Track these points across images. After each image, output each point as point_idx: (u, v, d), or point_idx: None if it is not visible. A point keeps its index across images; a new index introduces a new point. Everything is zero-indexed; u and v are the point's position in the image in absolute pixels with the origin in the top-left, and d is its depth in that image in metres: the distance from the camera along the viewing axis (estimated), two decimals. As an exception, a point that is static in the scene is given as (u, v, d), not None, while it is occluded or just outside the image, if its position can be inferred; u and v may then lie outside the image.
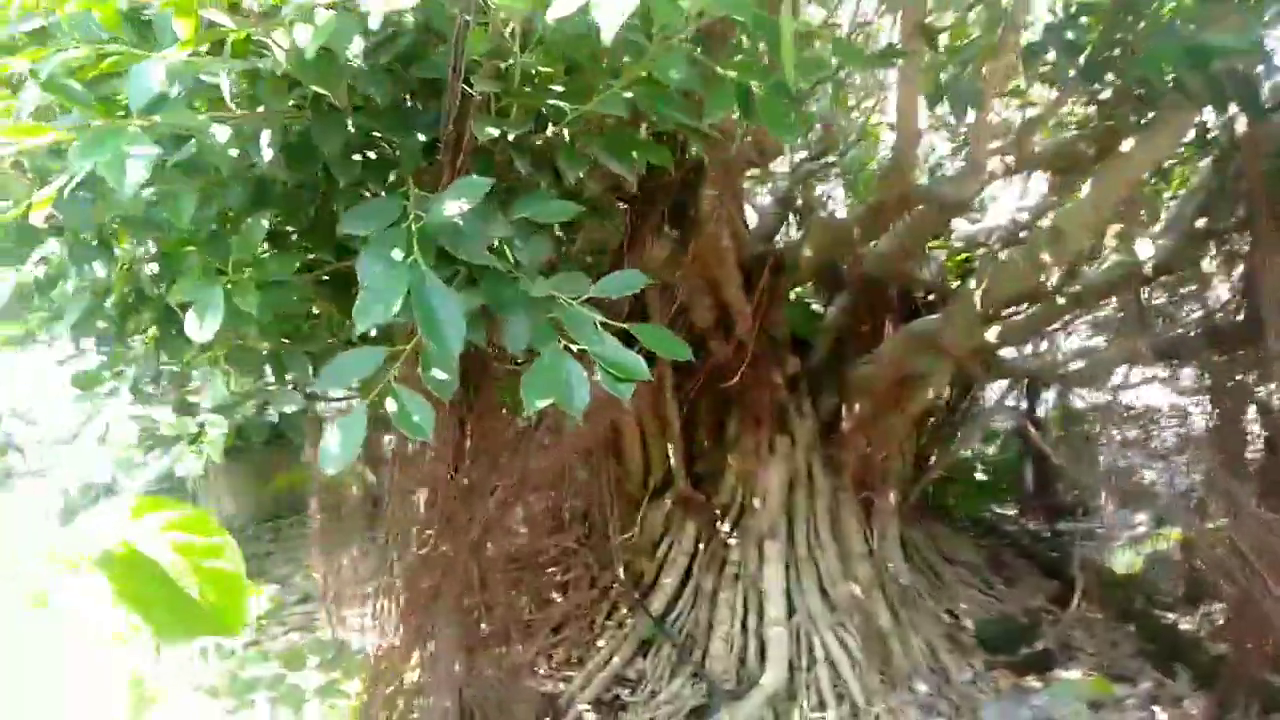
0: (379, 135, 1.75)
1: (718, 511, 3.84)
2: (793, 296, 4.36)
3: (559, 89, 1.83)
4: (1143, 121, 2.60)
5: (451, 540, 2.33)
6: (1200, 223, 3.15)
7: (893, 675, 3.42)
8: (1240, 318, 3.20)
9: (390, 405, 1.58)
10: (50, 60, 1.37)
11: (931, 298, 3.90)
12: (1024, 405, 4.14)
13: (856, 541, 3.77)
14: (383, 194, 1.82)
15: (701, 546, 3.83)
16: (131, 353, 2.43)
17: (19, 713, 2.45)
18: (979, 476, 4.66)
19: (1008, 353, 3.98)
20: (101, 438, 2.42)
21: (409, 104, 1.77)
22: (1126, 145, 2.68)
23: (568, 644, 3.82)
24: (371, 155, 1.80)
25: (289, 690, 2.85)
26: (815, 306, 4.37)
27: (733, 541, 3.76)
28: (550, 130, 1.88)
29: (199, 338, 1.59)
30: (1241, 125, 2.72)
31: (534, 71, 1.85)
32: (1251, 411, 3.19)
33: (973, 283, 3.10)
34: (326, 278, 2.01)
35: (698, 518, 3.86)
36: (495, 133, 1.70)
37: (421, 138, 1.80)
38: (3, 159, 1.27)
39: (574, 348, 1.63)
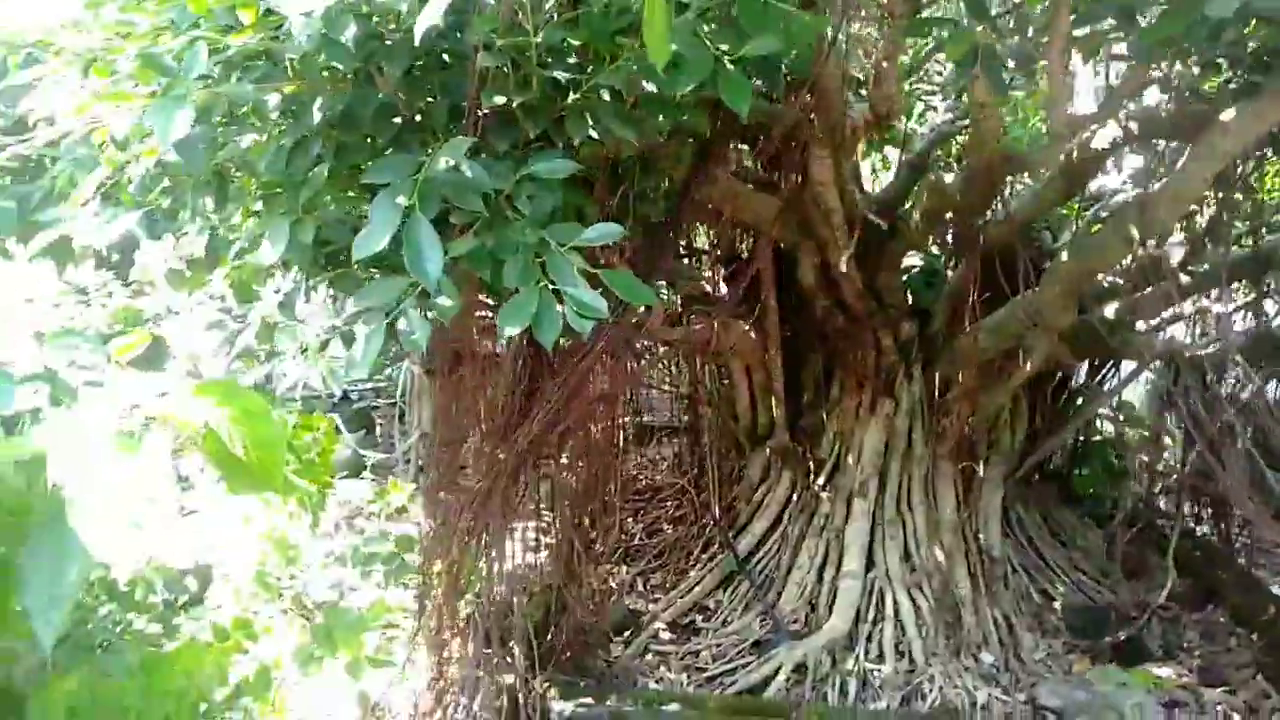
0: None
1: (813, 465, 3.97)
2: (922, 262, 4.33)
3: (574, 61, 2.10)
4: (1241, 87, 2.43)
5: (506, 448, 2.71)
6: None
7: (959, 642, 3.43)
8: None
9: (401, 324, 1.96)
10: (163, 45, 1.84)
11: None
12: (1151, 387, 3.86)
13: (949, 509, 3.77)
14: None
15: (795, 497, 3.98)
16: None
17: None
18: (1113, 459, 4.38)
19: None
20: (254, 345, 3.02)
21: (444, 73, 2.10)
22: (1226, 115, 2.50)
23: (664, 570, 4.15)
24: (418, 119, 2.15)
25: (402, 564, 3.41)
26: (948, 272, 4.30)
27: (824, 495, 3.89)
28: (571, 97, 2.15)
29: (266, 260, 2.04)
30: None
31: (563, 43, 2.13)
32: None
33: (1064, 256, 3.00)
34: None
35: (794, 470, 4.01)
36: (501, 100, 2.00)
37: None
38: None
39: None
